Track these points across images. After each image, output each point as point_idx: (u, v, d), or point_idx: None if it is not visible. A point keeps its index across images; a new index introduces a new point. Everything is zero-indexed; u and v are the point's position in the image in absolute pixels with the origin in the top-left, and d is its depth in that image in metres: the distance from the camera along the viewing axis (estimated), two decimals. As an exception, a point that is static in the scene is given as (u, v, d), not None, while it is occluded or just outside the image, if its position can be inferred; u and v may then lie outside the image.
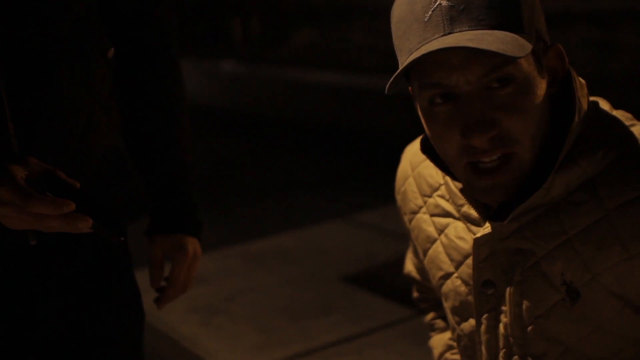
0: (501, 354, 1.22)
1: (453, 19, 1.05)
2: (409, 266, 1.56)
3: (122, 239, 1.20)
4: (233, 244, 4.30)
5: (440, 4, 1.05)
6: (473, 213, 1.21)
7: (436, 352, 1.50)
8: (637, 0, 8.12)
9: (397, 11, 1.12)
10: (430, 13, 1.06)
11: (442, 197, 1.29)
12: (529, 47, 1.04)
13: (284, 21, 13.02)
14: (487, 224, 1.18)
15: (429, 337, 1.55)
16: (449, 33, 1.04)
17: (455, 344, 1.43)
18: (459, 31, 1.04)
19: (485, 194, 1.13)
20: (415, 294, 1.60)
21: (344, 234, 4.41)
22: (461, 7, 1.04)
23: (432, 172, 1.31)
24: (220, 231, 4.58)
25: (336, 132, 7.84)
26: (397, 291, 3.40)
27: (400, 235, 3.75)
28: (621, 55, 8.05)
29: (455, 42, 1.02)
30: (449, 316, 1.32)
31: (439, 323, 1.53)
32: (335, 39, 11.85)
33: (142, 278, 1.57)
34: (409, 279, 1.57)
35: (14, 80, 1.26)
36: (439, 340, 1.50)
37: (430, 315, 1.56)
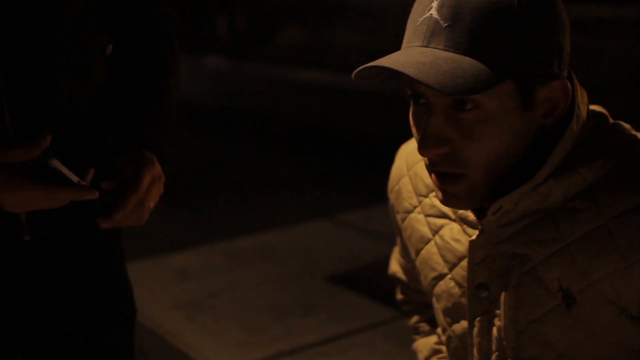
0: (493, 357, 1.23)
1: (434, 33, 1.05)
2: (395, 267, 1.54)
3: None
4: (217, 240, 4.28)
5: (431, 14, 1.05)
6: (470, 215, 1.21)
7: (421, 355, 1.49)
8: (620, 8, 8.20)
9: (414, 3, 1.12)
10: (422, 18, 1.07)
11: (438, 197, 1.29)
12: (493, 83, 1.02)
13: (270, 18, 13.02)
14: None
15: (412, 340, 1.54)
16: (425, 46, 1.05)
17: (441, 347, 1.43)
18: (433, 47, 1.04)
19: (445, 201, 1.14)
20: (399, 296, 1.59)
21: (328, 233, 4.41)
22: (446, 24, 1.04)
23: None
24: (204, 228, 4.57)
25: (321, 130, 7.84)
26: (382, 291, 3.39)
27: (385, 236, 3.76)
28: (606, 61, 8.11)
29: (404, 65, 1.02)
30: (440, 317, 1.32)
31: (424, 327, 1.52)
32: (320, 38, 11.86)
33: (133, 273, 1.57)
34: (393, 279, 1.56)
35: (13, 74, 1.26)
36: (424, 344, 1.49)
37: (414, 319, 1.55)
